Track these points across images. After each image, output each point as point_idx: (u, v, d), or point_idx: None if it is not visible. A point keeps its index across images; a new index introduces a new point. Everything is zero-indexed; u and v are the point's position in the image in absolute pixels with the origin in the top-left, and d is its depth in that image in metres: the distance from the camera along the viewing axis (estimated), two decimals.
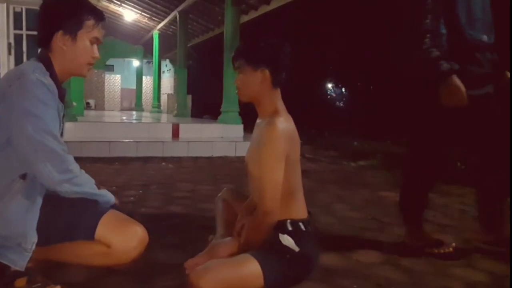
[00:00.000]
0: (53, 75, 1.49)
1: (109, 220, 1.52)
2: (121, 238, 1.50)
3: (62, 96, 1.54)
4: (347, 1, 16.99)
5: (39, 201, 1.47)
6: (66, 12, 1.49)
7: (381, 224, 2.90)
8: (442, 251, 2.27)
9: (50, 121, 1.39)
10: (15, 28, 6.37)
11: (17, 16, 6.39)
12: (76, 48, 1.50)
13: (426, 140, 2.27)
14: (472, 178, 3.35)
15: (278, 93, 1.62)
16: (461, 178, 4.97)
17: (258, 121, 1.68)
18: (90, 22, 1.50)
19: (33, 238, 1.44)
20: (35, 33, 1.58)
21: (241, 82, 1.61)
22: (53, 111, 1.43)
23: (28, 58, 3.54)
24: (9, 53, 6.33)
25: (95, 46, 1.55)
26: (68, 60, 1.51)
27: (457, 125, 2.18)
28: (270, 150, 1.49)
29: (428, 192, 2.39)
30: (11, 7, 6.34)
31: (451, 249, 2.28)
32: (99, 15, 1.54)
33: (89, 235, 1.49)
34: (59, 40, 1.48)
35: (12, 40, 6.35)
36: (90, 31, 1.50)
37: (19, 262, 1.43)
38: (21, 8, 6.40)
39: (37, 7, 1.71)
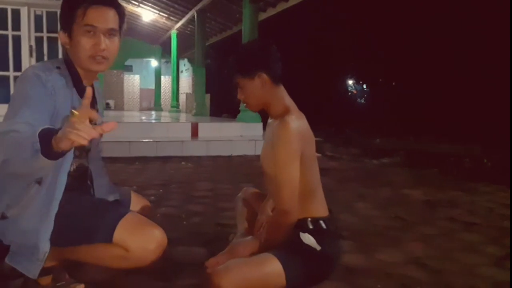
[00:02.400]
0: (73, 74, 1.50)
1: (127, 223, 1.48)
2: (139, 241, 1.45)
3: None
4: None
5: (55, 208, 1.44)
6: (62, 10, 1.48)
7: (405, 223, 2.84)
8: None
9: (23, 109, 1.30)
10: (36, 31, 6.49)
11: (38, 19, 6.51)
12: (74, 44, 1.46)
13: None
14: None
15: (282, 90, 1.60)
16: (488, 175, 4.85)
17: (269, 120, 1.67)
18: (80, 11, 1.41)
19: (45, 248, 1.42)
20: (55, 35, 1.59)
21: (245, 95, 1.60)
22: (33, 102, 1.34)
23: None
24: (31, 55, 6.45)
25: (97, 36, 1.44)
26: (75, 57, 1.49)
27: None
28: (284, 149, 1.48)
29: None
30: (32, 10, 6.47)
31: None
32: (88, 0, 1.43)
33: (107, 238, 1.45)
34: (62, 40, 1.47)
35: (33, 43, 6.47)
36: (81, 20, 1.42)
37: (32, 270, 1.42)
38: (42, 11, 6.52)
39: (57, 10, 1.71)
